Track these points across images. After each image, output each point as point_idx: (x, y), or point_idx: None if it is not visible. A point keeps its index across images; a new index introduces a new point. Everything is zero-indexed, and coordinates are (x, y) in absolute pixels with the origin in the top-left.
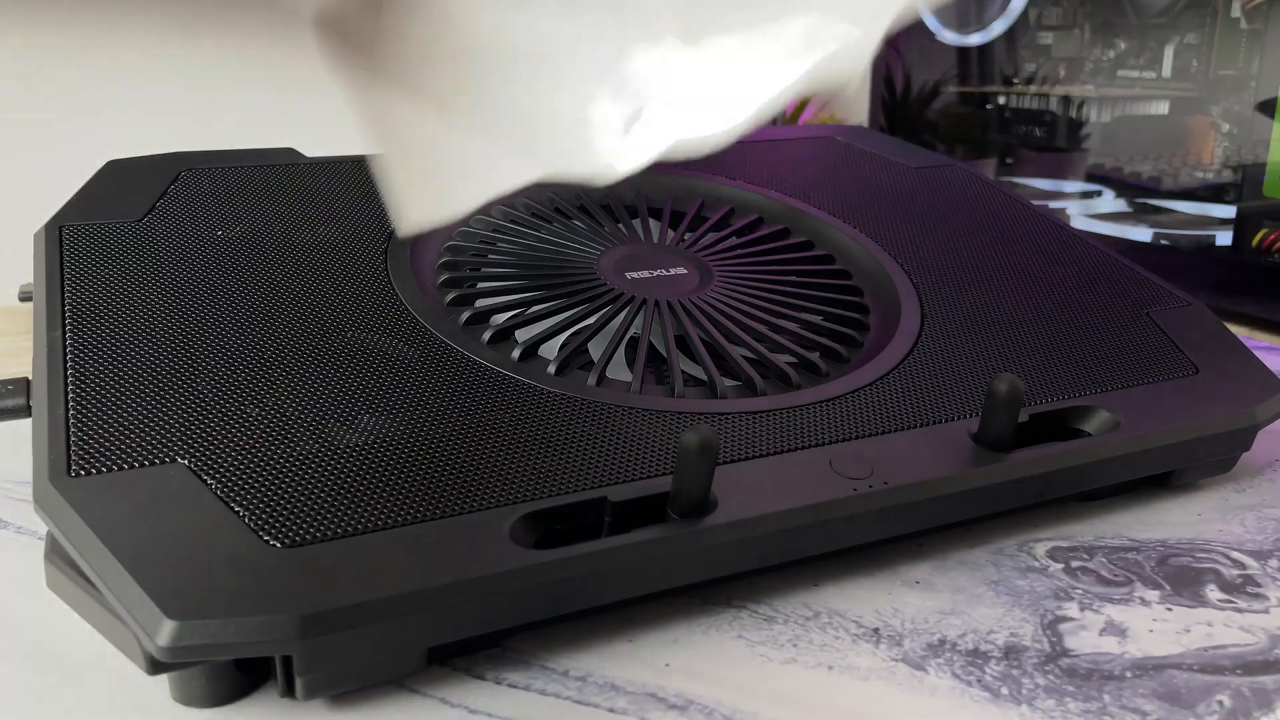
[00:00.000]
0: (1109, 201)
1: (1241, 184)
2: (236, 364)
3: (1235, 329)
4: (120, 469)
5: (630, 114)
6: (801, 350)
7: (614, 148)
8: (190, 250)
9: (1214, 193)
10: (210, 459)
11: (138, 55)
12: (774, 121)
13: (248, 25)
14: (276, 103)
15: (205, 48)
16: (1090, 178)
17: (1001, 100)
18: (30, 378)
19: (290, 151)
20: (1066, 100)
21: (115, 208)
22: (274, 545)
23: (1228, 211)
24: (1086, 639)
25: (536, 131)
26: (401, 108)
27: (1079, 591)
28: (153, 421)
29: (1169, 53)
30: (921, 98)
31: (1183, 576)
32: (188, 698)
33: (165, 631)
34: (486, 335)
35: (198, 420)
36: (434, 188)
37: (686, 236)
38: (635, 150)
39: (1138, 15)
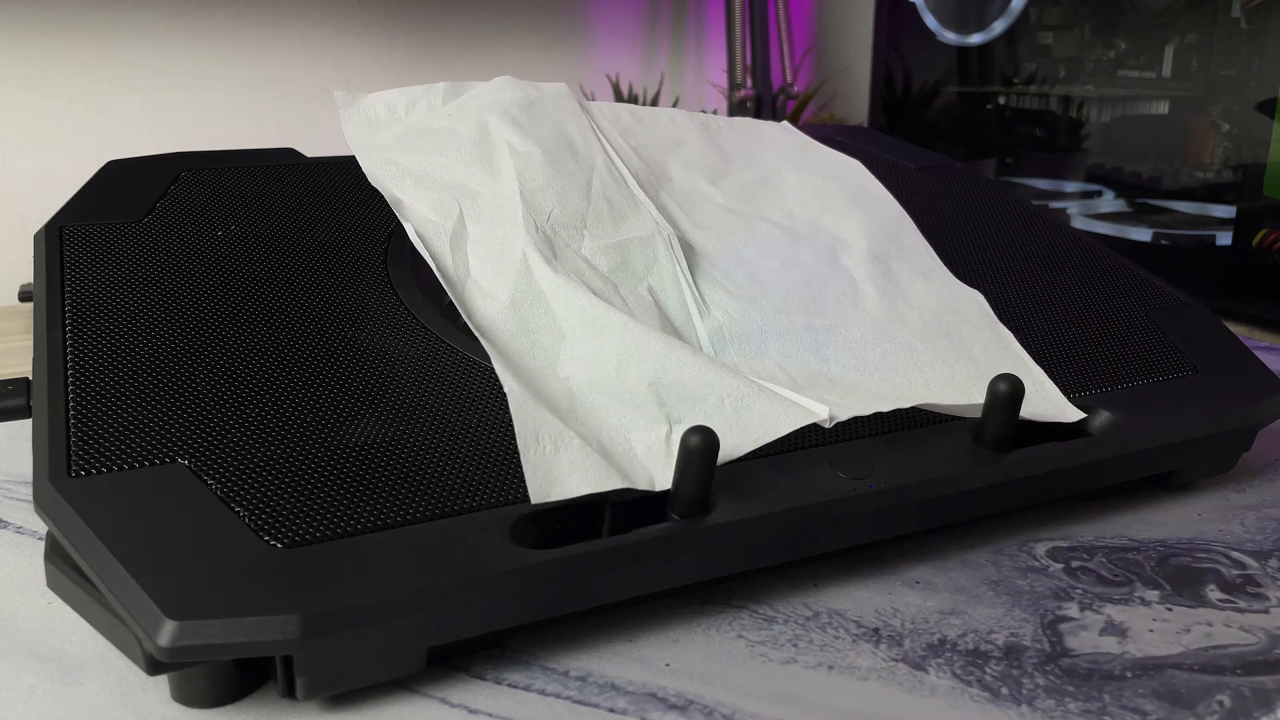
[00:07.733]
0: (1109, 201)
1: (1241, 184)
2: (236, 364)
3: (1235, 329)
4: (120, 469)
5: (664, 435)
6: None
7: (656, 463)
8: (190, 250)
9: (1214, 193)
10: (210, 459)
11: (139, 56)
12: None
13: (248, 26)
14: (276, 103)
15: (206, 48)
16: (1090, 178)
17: (1001, 100)
18: (30, 378)
19: (290, 151)
20: (1066, 100)
21: (115, 208)
22: (274, 545)
23: (1228, 211)
24: (1086, 639)
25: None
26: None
27: (1079, 591)
28: (153, 421)
29: (1169, 53)
30: (921, 98)
31: (1183, 576)
32: (188, 698)
33: (166, 632)
34: None
35: (198, 420)
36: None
37: None
38: (667, 463)
39: (1138, 15)
